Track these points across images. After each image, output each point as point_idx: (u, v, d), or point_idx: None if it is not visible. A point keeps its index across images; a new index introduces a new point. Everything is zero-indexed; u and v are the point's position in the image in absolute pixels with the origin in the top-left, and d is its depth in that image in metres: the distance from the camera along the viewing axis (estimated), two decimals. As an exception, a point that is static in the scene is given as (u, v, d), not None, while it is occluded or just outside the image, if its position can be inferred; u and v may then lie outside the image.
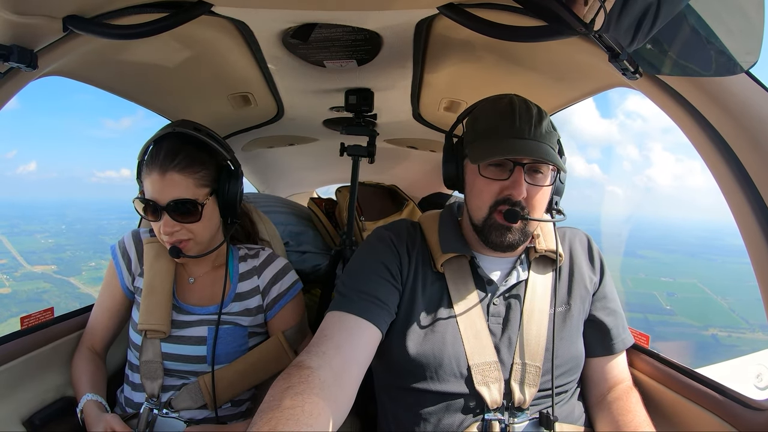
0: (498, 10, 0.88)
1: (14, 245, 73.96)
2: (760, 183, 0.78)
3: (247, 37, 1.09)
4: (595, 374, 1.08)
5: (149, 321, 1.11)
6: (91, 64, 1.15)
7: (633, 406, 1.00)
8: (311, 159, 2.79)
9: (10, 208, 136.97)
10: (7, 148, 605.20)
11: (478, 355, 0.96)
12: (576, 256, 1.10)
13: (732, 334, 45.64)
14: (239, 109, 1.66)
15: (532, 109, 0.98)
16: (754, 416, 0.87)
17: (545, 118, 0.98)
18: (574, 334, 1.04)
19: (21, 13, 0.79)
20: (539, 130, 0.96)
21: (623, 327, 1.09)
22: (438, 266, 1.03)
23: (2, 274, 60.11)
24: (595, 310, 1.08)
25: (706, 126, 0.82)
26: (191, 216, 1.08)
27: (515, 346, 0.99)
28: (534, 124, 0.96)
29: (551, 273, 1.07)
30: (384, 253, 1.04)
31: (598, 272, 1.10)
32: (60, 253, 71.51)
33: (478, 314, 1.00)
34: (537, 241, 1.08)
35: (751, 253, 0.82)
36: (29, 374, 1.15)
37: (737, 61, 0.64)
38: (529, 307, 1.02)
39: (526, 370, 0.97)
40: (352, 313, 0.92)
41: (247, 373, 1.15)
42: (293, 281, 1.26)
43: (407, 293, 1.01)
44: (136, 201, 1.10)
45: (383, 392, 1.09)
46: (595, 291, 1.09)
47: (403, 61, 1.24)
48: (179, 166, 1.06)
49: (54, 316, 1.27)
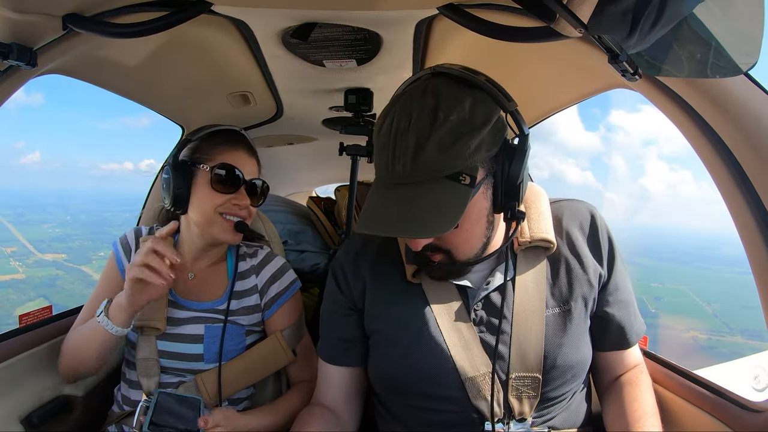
0: (498, 10, 0.88)
1: (22, 234, 75.52)
2: (758, 185, 0.78)
3: (247, 36, 1.09)
4: (606, 365, 0.99)
5: (145, 317, 1.11)
6: (90, 63, 1.15)
7: (641, 394, 0.92)
8: (310, 158, 2.79)
9: (14, 198, 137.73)
10: (13, 138, 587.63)
11: (471, 367, 0.87)
12: (577, 243, 0.92)
13: (712, 337, 48.36)
14: (238, 108, 1.66)
15: (418, 128, 0.73)
16: (752, 418, 0.87)
17: (433, 132, 0.73)
18: (577, 337, 0.90)
19: (20, 11, 0.79)
20: (422, 160, 0.73)
21: (635, 316, 0.96)
22: (409, 276, 0.92)
23: (15, 260, 62.80)
24: (606, 305, 0.92)
25: (704, 128, 0.82)
26: (257, 197, 1.19)
27: (509, 356, 0.87)
28: (413, 156, 0.73)
29: (544, 263, 0.91)
30: (335, 290, 1.00)
31: (606, 259, 0.92)
32: (69, 243, 73.26)
33: (464, 324, 0.89)
34: (519, 230, 0.90)
35: (750, 255, 0.82)
36: (27, 372, 1.14)
37: (736, 62, 0.64)
38: (521, 310, 0.88)
39: (523, 383, 0.86)
40: (327, 362, 1.02)
41: (245, 372, 1.15)
42: (291, 280, 1.26)
43: (371, 309, 0.95)
44: (217, 167, 1.11)
45: (378, 405, 1.03)
46: (604, 283, 0.92)
47: (402, 61, 1.25)
48: (254, 154, 1.21)
49: (52, 315, 1.27)
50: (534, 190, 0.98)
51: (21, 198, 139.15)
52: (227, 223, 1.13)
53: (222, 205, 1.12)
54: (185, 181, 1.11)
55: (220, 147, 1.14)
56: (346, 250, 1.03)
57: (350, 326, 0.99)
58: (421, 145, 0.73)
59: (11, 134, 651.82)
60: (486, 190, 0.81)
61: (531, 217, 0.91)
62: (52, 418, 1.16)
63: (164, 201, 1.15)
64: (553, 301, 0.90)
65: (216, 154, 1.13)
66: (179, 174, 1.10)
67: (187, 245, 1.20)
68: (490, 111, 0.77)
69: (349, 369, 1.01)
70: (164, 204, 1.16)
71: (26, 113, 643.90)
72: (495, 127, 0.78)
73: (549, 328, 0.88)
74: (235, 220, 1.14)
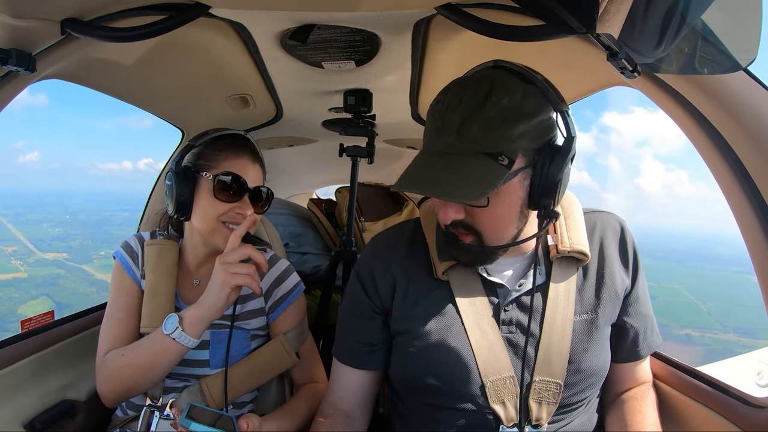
0: (496, 9, 0.88)
1: (22, 233, 76.15)
2: (759, 180, 0.78)
3: (245, 38, 1.09)
4: (616, 376, 1.00)
5: (151, 324, 1.10)
6: (89, 67, 1.15)
7: (645, 408, 0.94)
8: (310, 160, 2.79)
9: (13, 197, 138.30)
10: (13, 139, 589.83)
11: (492, 370, 0.86)
12: (607, 254, 0.94)
13: (705, 335, 50.13)
14: (238, 111, 1.66)
15: (468, 105, 0.77)
16: (755, 413, 0.87)
17: (481, 111, 0.76)
18: (600, 344, 0.91)
19: (19, 16, 0.79)
20: (466, 134, 0.76)
21: (652, 329, 0.98)
22: (439, 274, 0.92)
23: (16, 259, 63.67)
24: (625, 315, 0.95)
25: (704, 124, 0.82)
26: (262, 204, 1.17)
27: (534, 361, 0.87)
28: (458, 129, 0.77)
29: (576, 273, 0.92)
30: (360, 293, 0.99)
31: (630, 271, 0.95)
32: (69, 242, 73.80)
33: (489, 324, 0.89)
34: (558, 237, 0.92)
35: (751, 251, 0.82)
36: (30, 377, 1.15)
37: (735, 58, 0.64)
38: (551, 316, 0.89)
39: (545, 387, 0.86)
40: (348, 365, 1.01)
41: (250, 376, 1.15)
42: (295, 283, 1.26)
43: (399, 309, 0.94)
44: (220, 175, 1.08)
45: (398, 404, 1.02)
46: (627, 294, 0.95)
47: (401, 61, 1.25)
48: (259, 160, 1.17)
49: (54, 320, 1.27)
50: (571, 199, 0.99)
51: (20, 197, 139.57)
52: (230, 232, 1.10)
53: (225, 214, 1.10)
54: (188, 188, 1.09)
55: (224, 153, 1.12)
56: (373, 250, 1.03)
57: (375, 330, 0.98)
58: (468, 121, 0.76)
59: (10, 134, 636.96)
60: (523, 180, 0.81)
61: (570, 227, 0.93)
62: (55, 422, 1.16)
63: (167, 207, 1.14)
64: (581, 308, 0.91)
65: (219, 161, 1.11)
66: (182, 181, 1.08)
67: (191, 251, 1.20)
68: (539, 105, 0.79)
69: (369, 372, 1.01)
70: (167, 210, 1.15)
71: (27, 113, 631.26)
72: (542, 122, 0.79)
73: (576, 334, 0.89)
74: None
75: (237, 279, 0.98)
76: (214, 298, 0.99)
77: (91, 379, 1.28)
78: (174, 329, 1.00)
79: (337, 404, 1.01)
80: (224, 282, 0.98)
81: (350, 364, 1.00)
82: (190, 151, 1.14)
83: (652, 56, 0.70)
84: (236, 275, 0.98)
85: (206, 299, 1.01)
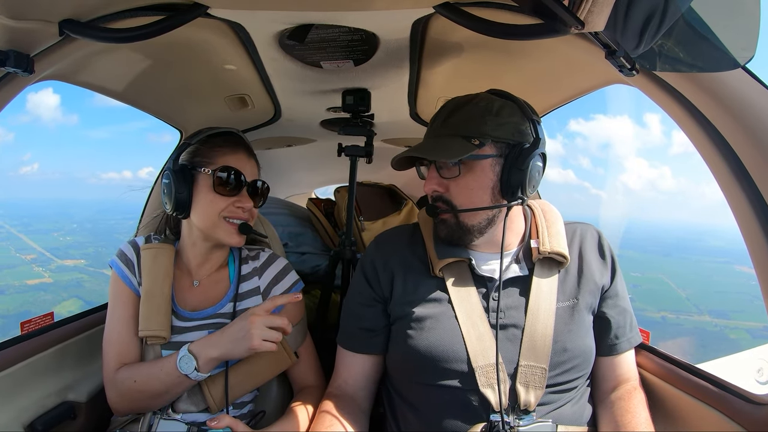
0: (494, 8, 0.88)
1: (36, 243, 78.12)
2: (758, 178, 0.78)
3: (244, 38, 1.09)
4: (600, 372, 1.06)
5: (149, 327, 1.10)
6: (87, 68, 1.15)
7: (634, 407, 0.98)
8: (309, 160, 2.79)
9: (19, 209, 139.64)
10: (21, 152, 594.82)
11: (482, 357, 0.96)
12: (586, 256, 1.06)
13: (680, 317, 54.41)
14: (236, 111, 1.66)
15: (455, 104, 1.01)
16: (755, 410, 0.88)
17: (463, 108, 0.99)
18: (583, 327, 1.01)
19: (17, 17, 0.79)
20: (450, 122, 0.99)
21: (631, 325, 1.07)
22: (435, 271, 1.04)
23: (38, 267, 66.82)
24: (605, 307, 1.05)
25: (703, 121, 0.82)
26: (259, 197, 1.20)
27: (519, 347, 0.97)
28: (444, 118, 1.01)
29: (557, 274, 1.04)
30: (363, 283, 1.11)
31: (609, 270, 1.07)
32: (84, 249, 76.41)
33: (479, 316, 0.99)
34: (540, 241, 1.04)
35: (750, 247, 0.82)
36: (30, 379, 1.14)
37: (733, 56, 0.64)
38: (534, 305, 0.99)
39: (531, 372, 0.95)
40: (347, 349, 1.12)
41: (249, 376, 1.15)
42: (294, 281, 1.26)
43: (398, 297, 1.05)
44: (218, 170, 1.11)
45: (390, 391, 1.10)
46: (606, 288, 1.05)
47: (399, 60, 1.24)
48: (254, 156, 1.21)
49: (54, 321, 1.27)
50: (554, 212, 1.12)
51: (25, 208, 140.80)
52: (231, 226, 1.13)
53: (225, 209, 1.12)
54: (186, 185, 1.10)
55: (221, 149, 1.14)
56: (376, 247, 1.15)
57: (375, 316, 1.09)
58: (454, 113, 1.00)
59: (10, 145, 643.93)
60: (494, 166, 0.98)
61: (552, 234, 1.05)
62: (55, 424, 1.16)
63: (165, 206, 1.14)
64: (563, 297, 1.02)
65: (217, 157, 1.13)
66: (180, 178, 1.10)
67: (190, 250, 1.20)
68: (513, 113, 0.99)
69: (371, 357, 1.11)
70: (165, 209, 1.15)
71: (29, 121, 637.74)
72: (515, 124, 0.98)
73: (559, 319, 0.99)
74: (238, 223, 1.14)
75: (263, 346, 1.02)
76: (234, 346, 1.03)
77: (91, 380, 1.28)
78: (191, 371, 1.03)
79: (341, 387, 1.11)
80: (251, 337, 1.01)
81: (352, 349, 1.11)
82: (186, 149, 1.15)
83: (636, 51, 0.70)
84: (264, 342, 1.02)
85: (224, 342, 1.04)
